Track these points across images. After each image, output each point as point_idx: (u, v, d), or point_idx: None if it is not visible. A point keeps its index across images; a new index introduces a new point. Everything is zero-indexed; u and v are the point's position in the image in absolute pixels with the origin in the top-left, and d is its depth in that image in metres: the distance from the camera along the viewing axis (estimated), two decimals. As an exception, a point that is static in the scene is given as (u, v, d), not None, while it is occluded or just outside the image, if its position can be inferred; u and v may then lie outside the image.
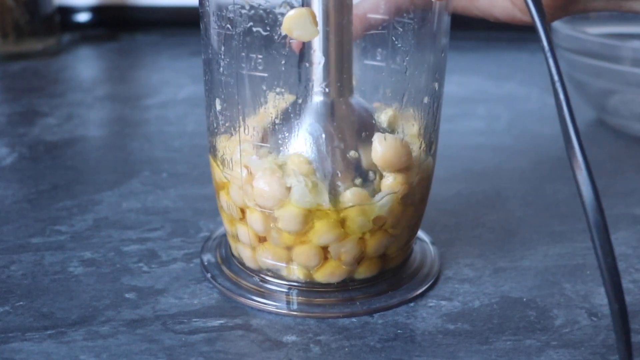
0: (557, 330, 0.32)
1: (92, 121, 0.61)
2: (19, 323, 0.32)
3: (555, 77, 0.26)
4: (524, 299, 0.34)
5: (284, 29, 0.30)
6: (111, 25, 0.96)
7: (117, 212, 0.43)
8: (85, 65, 0.84)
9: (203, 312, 0.33)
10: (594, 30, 0.63)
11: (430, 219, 0.43)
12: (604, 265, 0.25)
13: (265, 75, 0.32)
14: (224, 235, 0.38)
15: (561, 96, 0.26)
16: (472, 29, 0.91)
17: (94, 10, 0.95)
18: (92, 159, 0.52)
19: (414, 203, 0.34)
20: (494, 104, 0.68)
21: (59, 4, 0.89)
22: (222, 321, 0.32)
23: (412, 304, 0.34)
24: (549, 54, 0.26)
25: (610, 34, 0.64)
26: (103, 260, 0.37)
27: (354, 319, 0.33)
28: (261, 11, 0.31)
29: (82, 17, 0.95)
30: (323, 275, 0.34)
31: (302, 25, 0.30)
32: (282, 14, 0.30)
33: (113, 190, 0.46)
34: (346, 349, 0.30)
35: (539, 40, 0.27)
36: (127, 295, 0.34)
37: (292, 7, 0.30)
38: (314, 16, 0.30)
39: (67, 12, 0.93)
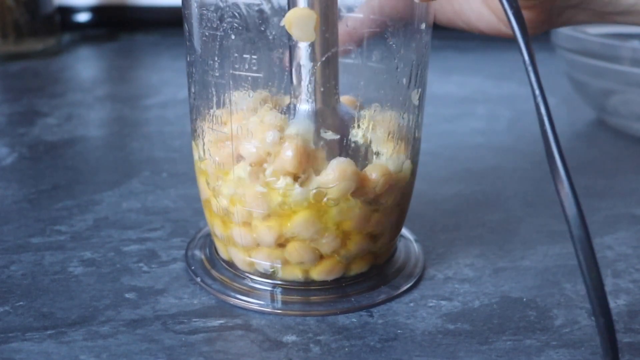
0: (557, 330, 0.32)
1: (92, 121, 0.61)
2: (19, 323, 0.32)
3: (537, 92, 0.26)
4: (524, 299, 0.34)
5: (285, 22, 0.29)
6: (111, 25, 0.97)
7: (117, 212, 0.43)
8: (85, 65, 0.84)
9: (203, 312, 0.33)
10: (594, 30, 0.63)
11: (430, 219, 0.43)
12: (589, 281, 0.24)
13: (257, 75, 0.31)
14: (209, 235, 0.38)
15: (542, 110, 0.26)
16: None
17: (94, 10, 0.95)
18: (92, 159, 0.52)
19: (386, 208, 0.34)
20: (494, 104, 0.68)
21: (59, 4, 0.89)
22: (222, 321, 0.32)
23: (412, 304, 0.34)
24: (530, 68, 0.27)
25: (610, 34, 0.64)
26: (103, 260, 0.37)
27: (353, 319, 0.33)
28: (243, 10, 0.30)
29: (82, 17, 0.95)
30: (319, 273, 0.34)
31: (304, 25, 0.29)
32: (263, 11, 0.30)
33: (113, 190, 0.46)
34: (346, 349, 0.30)
35: (520, 54, 0.27)
36: (127, 295, 0.34)
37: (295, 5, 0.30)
38: (318, 21, 0.30)
39: (67, 12, 0.93)
